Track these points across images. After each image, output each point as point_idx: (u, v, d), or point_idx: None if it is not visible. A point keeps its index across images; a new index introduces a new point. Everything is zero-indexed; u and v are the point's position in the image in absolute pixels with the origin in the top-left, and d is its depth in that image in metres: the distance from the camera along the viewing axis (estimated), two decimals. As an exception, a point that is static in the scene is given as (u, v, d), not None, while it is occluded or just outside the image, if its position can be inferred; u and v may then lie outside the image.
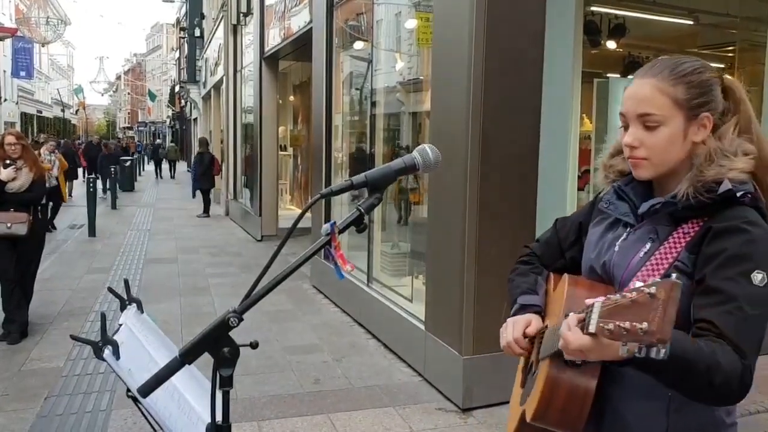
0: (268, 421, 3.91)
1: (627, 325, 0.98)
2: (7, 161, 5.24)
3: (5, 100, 34.93)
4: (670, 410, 1.31)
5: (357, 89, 7.25)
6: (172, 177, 28.71)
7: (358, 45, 6.97)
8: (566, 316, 1.22)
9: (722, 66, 6.59)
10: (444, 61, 4.27)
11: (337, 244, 1.22)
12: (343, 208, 6.87)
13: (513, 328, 1.49)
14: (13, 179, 5.22)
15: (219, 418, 1.23)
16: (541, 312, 1.53)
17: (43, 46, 36.55)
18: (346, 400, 4.24)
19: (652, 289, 0.98)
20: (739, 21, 6.06)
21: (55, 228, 11.62)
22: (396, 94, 6.48)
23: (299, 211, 1.42)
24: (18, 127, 31.31)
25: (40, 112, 46.77)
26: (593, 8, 5.44)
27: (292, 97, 14.60)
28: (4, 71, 35.00)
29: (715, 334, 1.17)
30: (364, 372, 4.76)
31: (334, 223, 1.22)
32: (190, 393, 1.40)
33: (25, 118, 41.18)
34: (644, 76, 1.35)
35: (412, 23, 5.81)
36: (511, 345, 1.49)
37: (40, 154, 11.15)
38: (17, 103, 38.76)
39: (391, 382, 4.57)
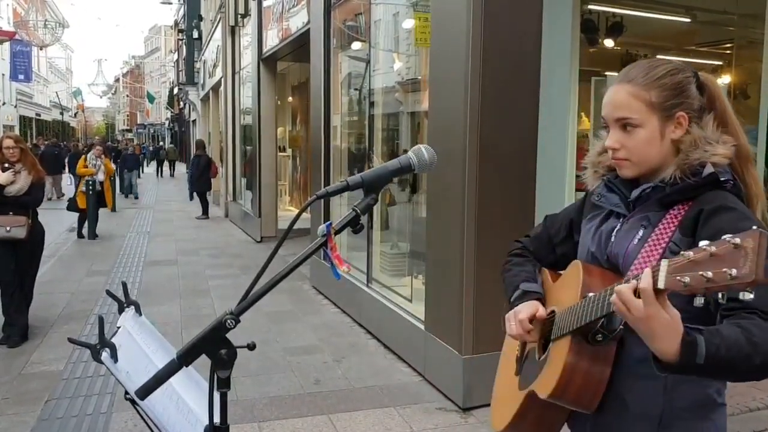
0: (269, 422, 3.91)
1: (710, 274, 1.02)
2: (6, 164, 5.24)
3: (4, 103, 34.96)
4: (667, 389, 1.36)
5: (355, 89, 7.25)
6: (172, 175, 31.47)
7: (356, 45, 6.97)
8: (584, 298, 1.32)
9: (720, 63, 6.59)
10: (442, 60, 4.27)
11: (333, 244, 1.23)
12: (342, 209, 6.87)
13: (524, 312, 1.53)
14: (12, 182, 5.23)
15: (217, 419, 1.23)
16: (542, 300, 1.58)
17: (41, 49, 36.61)
18: (346, 401, 4.24)
19: (737, 240, 1.02)
20: (736, 18, 6.06)
21: (97, 236, 11.11)
22: (394, 94, 6.48)
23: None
24: (17, 131, 31.34)
25: (39, 115, 46.79)
26: (590, 6, 5.44)
27: (290, 98, 14.60)
28: (3, 74, 35.03)
29: (744, 309, 1.19)
30: (364, 372, 4.76)
31: (330, 224, 1.23)
32: (188, 395, 1.40)
33: (24, 121, 41.22)
34: (620, 82, 1.43)
35: (409, 23, 5.81)
36: (523, 324, 1.52)
37: (85, 159, 11.24)
38: (16, 107, 38.78)
39: (391, 383, 4.57)
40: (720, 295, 1.05)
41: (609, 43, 6.67)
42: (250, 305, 1.19)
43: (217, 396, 1.22)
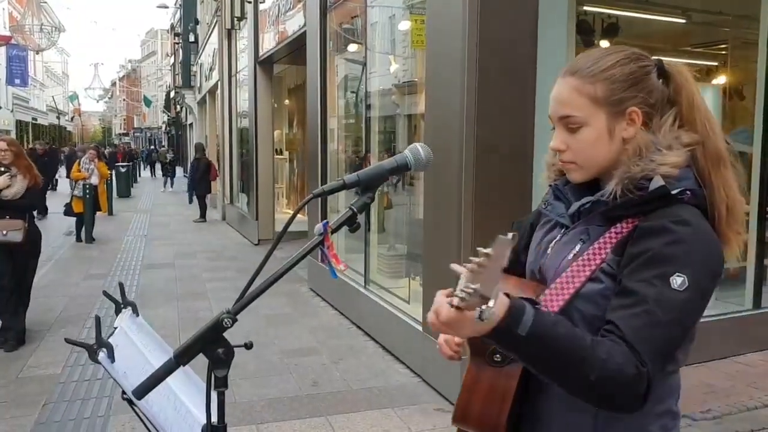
0: (267, 424, 3.91)
1: (471, 288, 0.95)
2: (2, 168, 5.24)
3: (0, 108, 34.89)
4: (597, 424, 1.23)
5: (352, 92, 7.26)
6: (164, 175, 32.40)
7: (353, 48, 6.98)
8: None
9: (715, 64, 6.61)
10: (438, 62, 4.28)
11: (330, 243, 1.23)
12: (340, 212, 6.87)
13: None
14: (8, 186, 5.22)
15: (214, 419, 1.23)
16: None
17: (37, 53, 36.56)
18: (344, 402, 4.24)
19: (489, 250, 0.94)
20: (731, 19, 6.09)
21: (94, 239, 11.09)
22: (391, 97, 6.49)
23: (296, 214, 1.40)
24: (13, 135, 31.27)
25: (36, 120, 46.66)
26: (586, 8, 5.44)
27: (287, 101, 14.61)
28: (-1, 79, 34.95)
29: (617, 337, 1.10)
30: (362, 374, 4.76)
31: (327, 222, 1.23)
32: (185, 394, 1.39)
33: (21, 125, 41.09)
34: (564, 75, 1.28)
35: (406, 25, 5.82)
36: (442, 346, 1.49)
37: (79, 163, 11.26)
38: (12, 111, 38.69)
39: (389, 384, 4.57)
40: (477, 313, 0.98)
41: (605, 44, 6.68)
42: (247, 304, 1.19)
43: (214, 395, 1.22)
